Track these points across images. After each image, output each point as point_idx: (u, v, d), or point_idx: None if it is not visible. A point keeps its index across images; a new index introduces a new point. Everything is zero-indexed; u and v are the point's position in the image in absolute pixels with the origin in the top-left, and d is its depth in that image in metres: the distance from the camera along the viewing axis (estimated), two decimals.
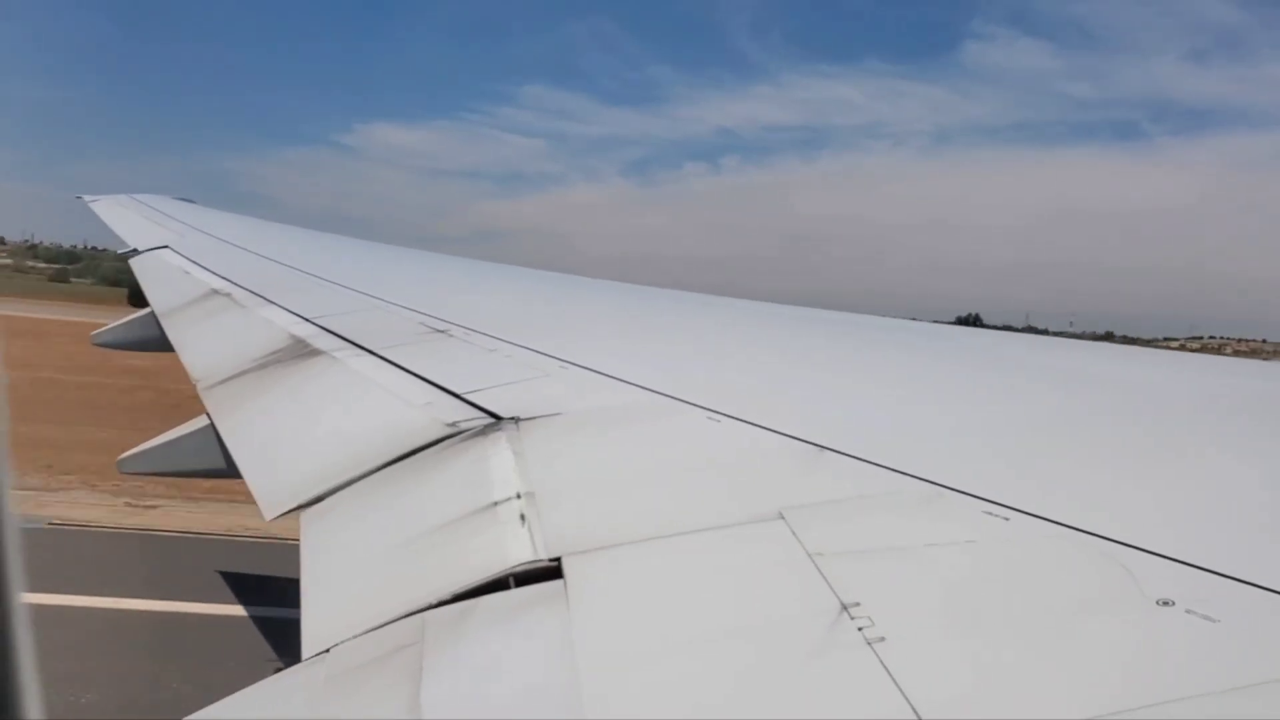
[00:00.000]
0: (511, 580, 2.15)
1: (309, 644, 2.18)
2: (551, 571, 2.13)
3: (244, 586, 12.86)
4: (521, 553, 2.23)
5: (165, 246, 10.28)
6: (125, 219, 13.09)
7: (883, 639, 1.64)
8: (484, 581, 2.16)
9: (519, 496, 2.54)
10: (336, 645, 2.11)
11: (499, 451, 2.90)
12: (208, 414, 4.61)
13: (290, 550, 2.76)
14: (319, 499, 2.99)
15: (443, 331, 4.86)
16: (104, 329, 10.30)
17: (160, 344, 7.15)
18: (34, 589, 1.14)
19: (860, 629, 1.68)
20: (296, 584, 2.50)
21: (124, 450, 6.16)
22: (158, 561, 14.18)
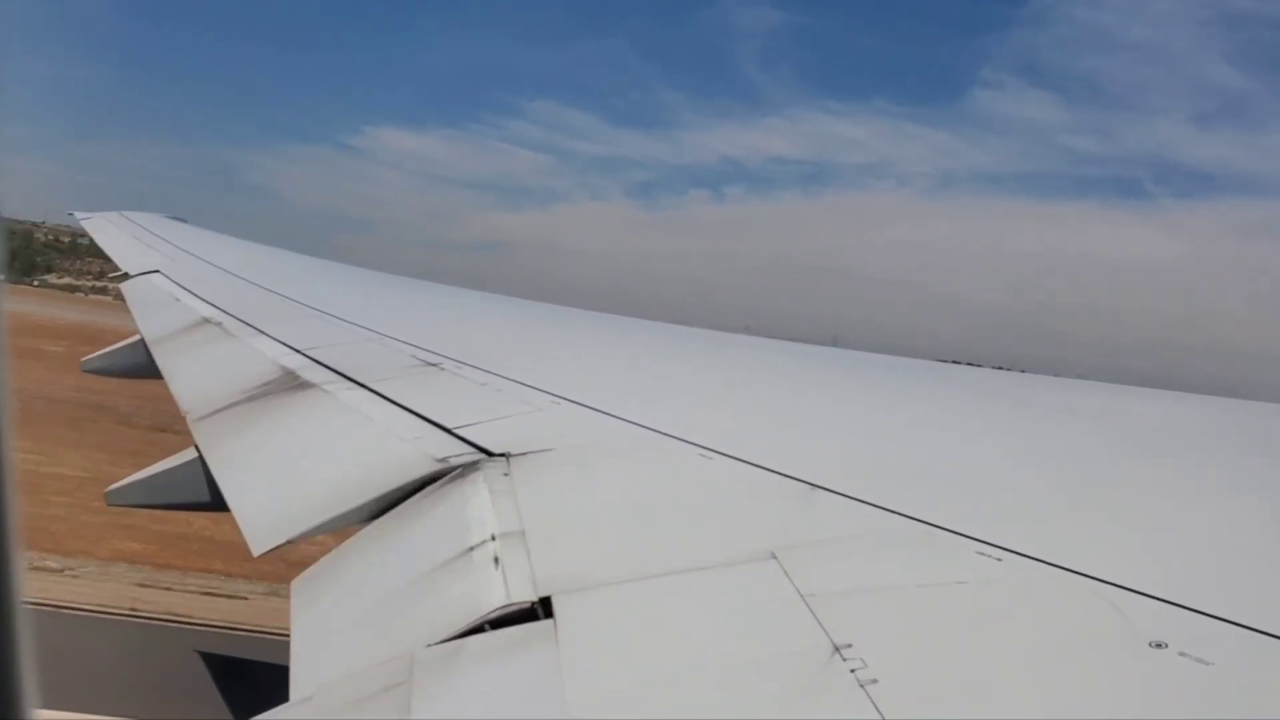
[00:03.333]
0: (501, 621, 2.13)
1: (298, 688, 2.16)
2: (543, 610, 2.12)
3: None
4: (511, 592, 2.21)
5: (156, 271, 10.25)
6: (116, 239, 12.96)
7: (875, 681, 1.63)
8: (474, 623, 2.14)
9: (508, 536, 2.53)
10: (326, 684, 2.09)
11: (489, 489, 2.88)
12: (196, 446, 4.57)
13: None
14: (306, 535, 2.97)
15: (434, 364, 4.85)
16: (94, 355, 10.23)
17: (150, 371, 7.11)
18: None
19: (853, 670, 1.67)
20: None
21: None
22: None
